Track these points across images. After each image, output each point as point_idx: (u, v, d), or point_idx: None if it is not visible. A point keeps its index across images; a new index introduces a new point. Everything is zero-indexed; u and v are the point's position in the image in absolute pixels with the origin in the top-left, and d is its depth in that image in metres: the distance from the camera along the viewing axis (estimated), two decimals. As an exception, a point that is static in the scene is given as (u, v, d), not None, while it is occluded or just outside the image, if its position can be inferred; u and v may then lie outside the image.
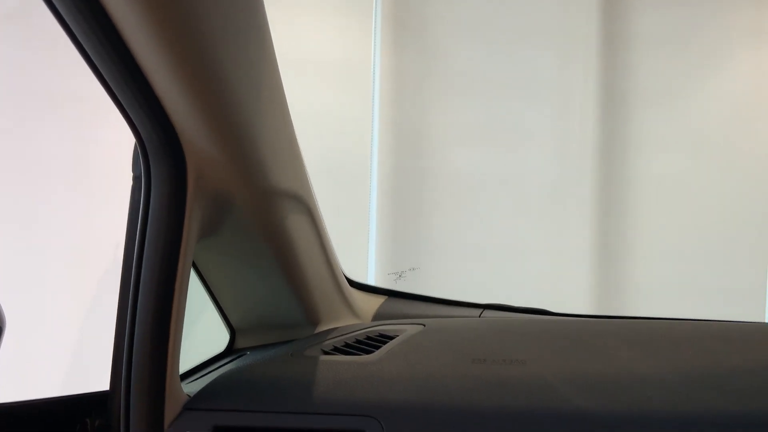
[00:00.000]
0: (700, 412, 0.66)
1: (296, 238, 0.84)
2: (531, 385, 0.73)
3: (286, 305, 0.94)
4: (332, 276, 1.00)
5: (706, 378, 0.72)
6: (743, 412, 0.65)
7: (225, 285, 0.92)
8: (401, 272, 2.11)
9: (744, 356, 0.77)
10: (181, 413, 0.69)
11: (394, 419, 0.68)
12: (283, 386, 0.74)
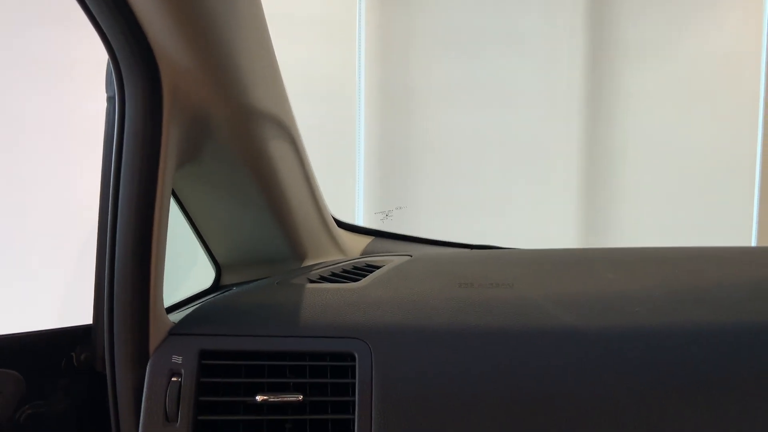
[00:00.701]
0: (683, 324, 0.66)
1: (279, 166, 0.83)
2: (518, 305, 0.73)
3: (271, 240, 0.93)
4: (317, 210, 0.98)
5: (690, 293, 0.72)
6: (725, 322, 0.66)
7: (209, 219, 0.91)
8: (388, 211, 2.11)
9: (728, 273, 0.77)
10: (165, 339, 0.68)
11: (382, 341, 0.68)
12: (269, 311, 0.73)
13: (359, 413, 0.64)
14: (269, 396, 0.65)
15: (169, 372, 0.66)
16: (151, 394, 0.64)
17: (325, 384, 0.67)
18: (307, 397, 0.66)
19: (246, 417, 0.65)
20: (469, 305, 0.73)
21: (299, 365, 0.68)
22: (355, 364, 0.67)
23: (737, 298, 0.70)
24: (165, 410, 0.64)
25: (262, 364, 0.67)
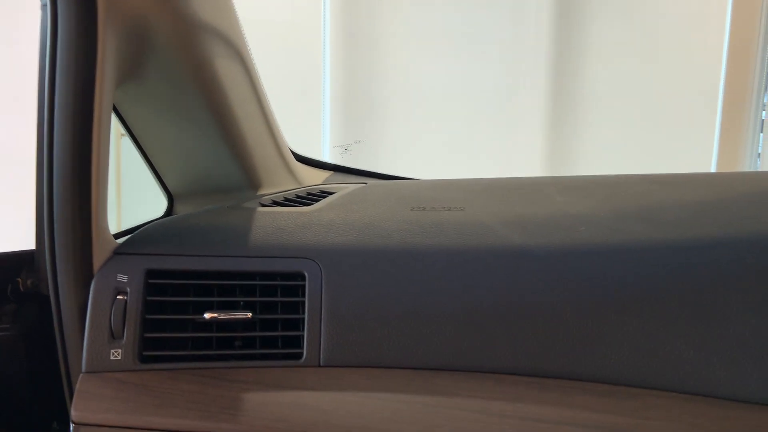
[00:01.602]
0: (626, 241, 0.68)
1: (228, 87, 0.80)
2: (469, 226, 0.73)
3: (224, 167, 0.91)
4: (272, 137, 0.96)
5: (635, 212, 0.74)
6: (667, 239, 0.67)
7: (158, 144, 0.88)
8: (347, 145, 2.09)
9: (673, 194, 0.79)
10: (110, 258, 0.67)
11: (332, 260, 0.68)
12: (218, 233, 0.72)
13: (308, 330, 0.65)
14: (218, 314, 0.65)
15: (114, 290, 0.65)
16: (96, 312, 0.64)
17: (275, 303, 0.67)
18: (256, 315, 0.66)
19: (195, 334, 0.65)
20: (420, 227, 0.74)
21: (249, 285, 0.67)
22: (305, 284, 0.67)
23: (680, 217, 0.71)
24: (110, 328, 0.63)
25: (210, 284, 0.67)
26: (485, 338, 0.64)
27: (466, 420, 0.59)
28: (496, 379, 0.63)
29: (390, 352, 0.64)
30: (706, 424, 0.57)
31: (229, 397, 0.61)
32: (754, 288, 0.61)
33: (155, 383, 0.62)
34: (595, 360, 0.62)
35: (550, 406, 0.60)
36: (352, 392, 0.62)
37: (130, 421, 0.59)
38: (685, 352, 0.61)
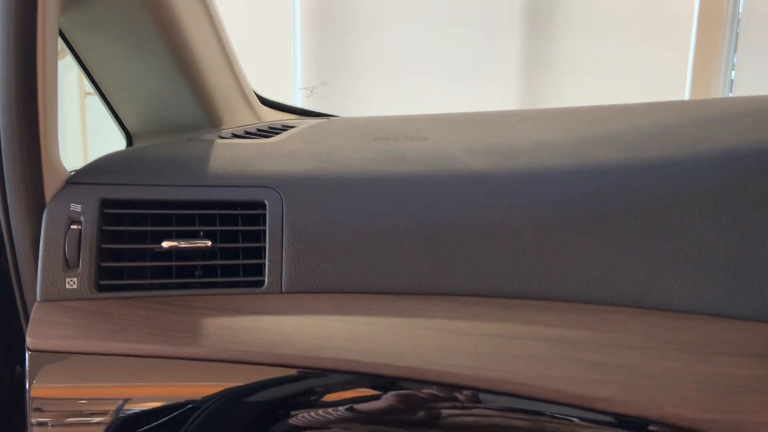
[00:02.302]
0: (588, 163, 0.68)
1: (184, 18, 0.77)
2: (431, 154, 0.73)
3: (183, 104, 0.89)
4: (233, 76, 0.94)
5: (597, 136, 0.74)
6: (628, 159, 0.68)
7: (113, 77, 0.85)
8: (312, 87, 2.06)
9: (636, 119, 0.79)
10: (63, 188, 0.65)
11: (293, 189, 0.67)
12: (176, 163, 0.71)
13: (269, 258, 0.64)
14: (177, 242, 0.64)
15: (67, 219, 0.63)
16: (49, 241, 0.62)
17: (236, 232, 0.66)
18: (216, 244, 0.65)
19: (154, 263, 0.64)
20: (383, 155, 0.73)
21: (208, 214, 0.66)
22: (266, 212, 0.66)
23: (641, 140, 0.72)
24: (65, 257, 0.62)
25: (168, 214, 0.66)
26: (447, 261, 0.64)
27: (426, 338, 0.60)
28: (457, 301, 0.63)
29: (351, 278, 0.64)
30: (660, 334, 0.58)
31: (189, 322, 0.61)
32: (708, 204, 0.62)
33: (113, 311, 0.61)
34: (554, 279, 0.63)
35: (509, 323, 0.61)
36: (314, 316, 0.62)
37: (87, 347, 0.59)
38: (641, 269, 0.62)
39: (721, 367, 0.55)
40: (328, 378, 0.58)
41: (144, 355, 0.58)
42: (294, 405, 0.58)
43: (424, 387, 0.57)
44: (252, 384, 0.59)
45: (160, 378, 0.59)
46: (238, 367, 0.59)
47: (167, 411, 0.59)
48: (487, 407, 0.57)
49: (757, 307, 0.59)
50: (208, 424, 0.58)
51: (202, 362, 0.59)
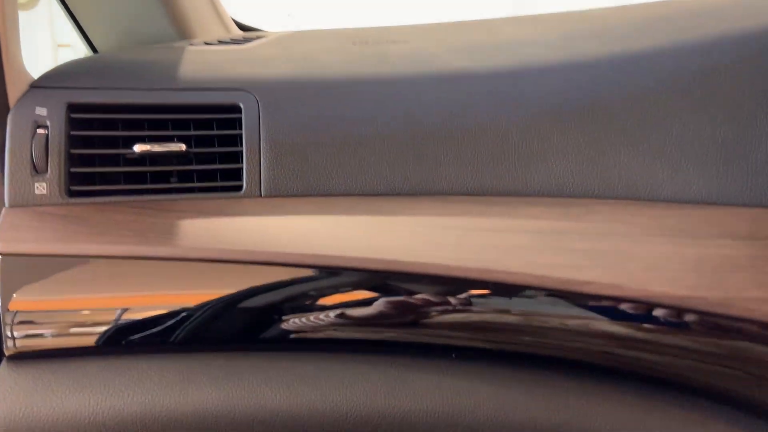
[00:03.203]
0: (572, 57, 0.66)
1: None
2: (413, 55, 0.70)
3: (152, 16, 0.85)
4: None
5: (586, 33, 0.71)
6: (616, 52, 0.65)
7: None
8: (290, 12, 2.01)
9: (629, 15, 0.76)
10: (27, 92, 0.62)
11: (269, 92, 0.65)
12: (147, 67, 0.67)
13: (247, 162, 0.62)
14: (150, 146, 0.62)
15: (32, 124, 0.60)
16: (15, 145, 0.59)
17: (211, 137, 0.64)
18: (191, 149, 0.63)
19: (126, 169, 0.62)
20: (363, 58, 0.70)
21: (182, 119, 0.64)
22: (242, 116, 0.63)
23: (628, 32, 0.69)
24: (32, 162, 0.59)
25: (140, 118, 0.63)
26: (431, 161, 0.62)
27: (410, 234, 0.58)
28: (441, 200, 0.62)
29: (333, 180, 0.62)
30: (647, 222, 0.57)
31: (166, 224, 0.59)
32: (695, 90, 0.60)
33: (86, 214, 0.59)
34: (540, 174, 0.61)
35: (495, 217, 0.60)
36: (295, 216, 0.60)
37: (60, 249, 0.57)
38: (628, 159, 0.60)
39: (708, 249, 0.54)
40: (312, 274, 0.57)
41: (120, 256, 0.57)
42: (276, 303, 0.57)
43: (408, 280, 0.56)
44: (233, 282, 0.57)
45: (138, 281, 0.58)
46: (218, 266, 0.57)
47: (149, 315, 0.58)
48: (472, 298, 0.56)
49: (746, 192, 0.58)
50: (191, 326, 0.57)
51: (180, 262, 0.57)
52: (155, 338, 0.57)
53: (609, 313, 0.54)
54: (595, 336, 0.54)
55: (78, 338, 0.57)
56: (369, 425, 0.55)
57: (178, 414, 0.55)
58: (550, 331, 0.55)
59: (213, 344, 0.58)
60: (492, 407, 0.54)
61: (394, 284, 0.57)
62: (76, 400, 0.55)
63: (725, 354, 0.52)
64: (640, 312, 0.53)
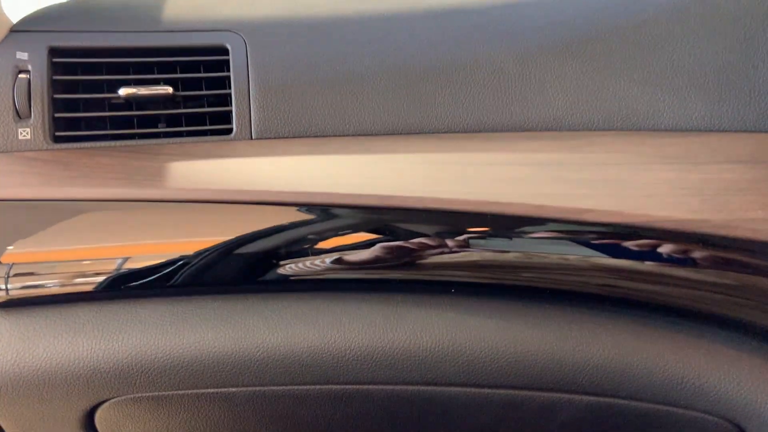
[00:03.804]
0: None
1: None
2: None
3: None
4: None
5: None
6: None
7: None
8: None
9: None
10: (7, 36, 0.60)
11: (257, 32, 0.63)
12: (130, 8, 0.65)
13: (236, 105, 0.60)
14: (136, 89, 0.60)
15: (14, 68, 0.58)
16: None
17: (199, 80, 0.62)
18: (179, 92, 0.61)
19: (112, 113, 0.60)
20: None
21: (168, 62, 0.62)
22: (229, 58, 0.61)
23: None
24: (15, 107, 0.58)
25: (125, 62, 0.61)
26: (426, 99, 0.61)
27: (407, 170, 0.57)
28: (437, 138, 0.60)
29: (325, 120, 0.60)
30: (649, 150, 0.56)
31: (155, 167, 0.57)
32: (694, 14, 0.59)
33: (72, 159, 0.58)
34: (538, 108, 0.60)
35: (493, 152, 0.58)
36: (288, 157, 0.59)
37: (45, 193, 0.55)
38: (628, 89, 0.59)
39: (711, 174, 0.53)
40: (306, 213, 0.56)
41: (107, 199, 0.55)
42: (271, 244, 0.56)
43: (405, 216, 0.55)
44: (226, 224, 0.56)
45: (129, 226, 0.56)
46: (209, 208, 0.56)
47: (141, 260, 0.56)
48: (471, 232, 0.55)
49: (748, 118, 0.56)
50: (185, 269, 0.56)
51: (170, 206, 0.56)
52: (148, 283, 0.56)
53: (610, 242, 0.53)
54: (595, 266, 0.53)
55: (69, 285, 0.56)
56: (367, 362, 0.54)
57: (174, 355, 0.54)
58: (550, 263, 0.53)
59: (208, 287, 0.57)
60: (492, 340, 0.53)
61: (390, 221, 0.55)
62: (70, 345, 0.54)
63: (728, 281, 0.51)
64: (641, 239, 0.51)
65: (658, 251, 0.51)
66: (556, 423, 0.55)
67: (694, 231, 0.50)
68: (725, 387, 0.50)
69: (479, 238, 0.54)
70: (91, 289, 0.56)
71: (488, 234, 0.54)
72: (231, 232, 0.56)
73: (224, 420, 0.58)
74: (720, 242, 0.50)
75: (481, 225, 0.54)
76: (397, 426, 0.59)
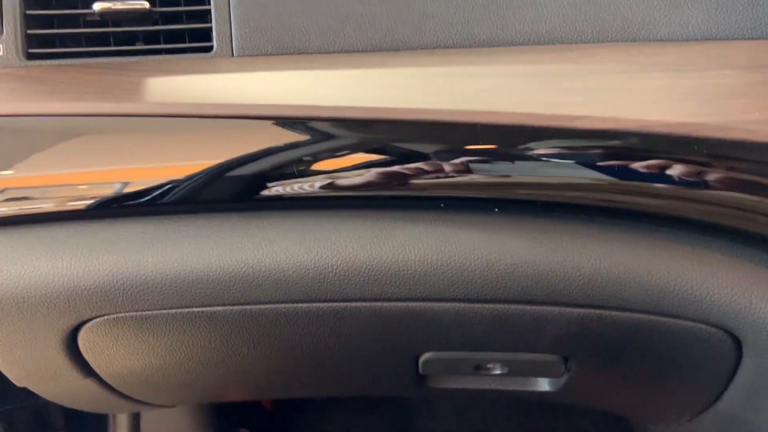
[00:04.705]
0: None
1: None
2: None
3: None
4: None
5: None
6: None
7: None
8: None
9: None
10: None
11: None
12: None
13: (217, 21, 0.58)
14: (111, 3, 0.57)
15: None
16: None
17: None
18: (156, 8, 0.58)
19: (87, 30, 0.58)
20: None
21: None
22: None
23: None
24: None
25: None
26: (413, 11, 0.58)
27: (394, 83, 0.55)
28: (427, 53, 0.58)
29: (309, 36, 0.58)
30: (643, 60, 0.54)
31: (132, 81, 0.55)
32: None
33: (47, 75, 0.56)
34: (530, 22, 0.57)
35: (484, 65, 0.56)
36: (271, 72, 0.57)
37: (19, 108, 0.53)
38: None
39: (708, 80, 0.51)
40: (291, 127, 0.54)
41: (83, 114, 0.53)
42: (253, 160, 0.54)
43: (393, 129, 0.53)
44: (206, 140, 0.54)
45: (108, 143, 0.54)
46: (190, 123, 0.54)
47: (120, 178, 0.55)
48: (461, 146, 0.53)
49: (746, 25, 0.54)
50: (165, 187, 0.54)
51: (149, 121, 0.54)
52: (128, 201, 0.54)
53: (604, 149, 0.51)
54: (587, 177, 0.52)
55: (46, 204, 0.54)
56: (355, 278, 0.53)
57: (156, 273, 0.53)
58: (542, 176, 0.52)
59: (190, 205, 0.55)
60: (482, 253, 0.52)
61: (378, 134, 0.53)
62: (48, 263, 0.53)
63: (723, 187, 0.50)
64: (636, 145, 0.50)
65: (652, 159, 0.50)
66: (546, 337, 0.55)
67: (689, 135, 0.48)
68: (720, 294, 0.50)
69: (470, 151, 0.53)
70: (69, 209, 0.54)
71: (479, 147, 0.53)
72: (213, 149, 0.54)
73: (210, 340, 0.57)
74: (716, 145, 0.48)
75: (472, 137, 0.52)
76: (385, 345, 0.58)
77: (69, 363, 0.59)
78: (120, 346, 0.57)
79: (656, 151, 0.50)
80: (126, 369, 0.61)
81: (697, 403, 0.62)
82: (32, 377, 0.61)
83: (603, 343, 0.55)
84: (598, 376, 0.62)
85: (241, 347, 0.58)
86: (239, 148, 0.54)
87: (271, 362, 0.62)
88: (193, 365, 0.61)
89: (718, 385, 0.57)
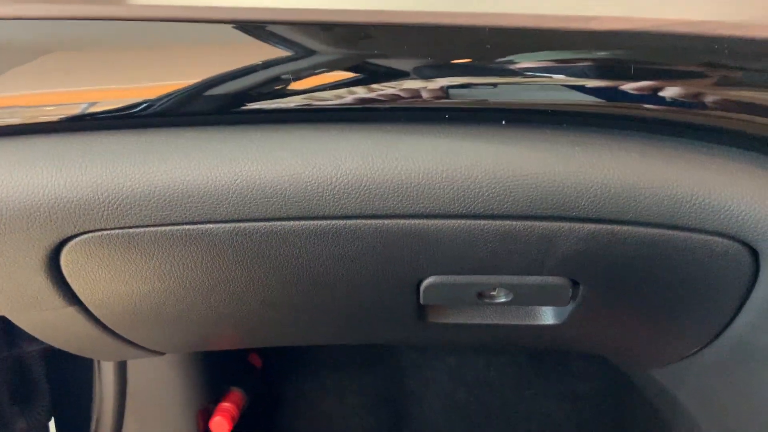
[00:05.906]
0: None
1: None
2: None
3: None
4: None
5: None
6: None
7: None
8: None
9: None
10: None
11: None
12: None
13: None
14: None
15: None
16: None
17: None
18: None
19: None
20: None
21: None
22: None
23: None
24: None
25: None
26: None
27: None
28: None
29: None
30: None
31: None
32: None
33: None
34: None
35: None
36: None
37: None
38: None
39: None
40: (288, 32, 0.50)
41: (66, 17, 0.50)
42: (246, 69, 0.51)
43: (392, 35, 0.50)
44: (198, 47, 0.51)
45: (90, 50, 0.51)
46: (180, 29, 0.51)
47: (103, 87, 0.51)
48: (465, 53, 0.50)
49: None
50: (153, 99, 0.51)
51: (135, 25, 0.50)
52: (112, 114, 0.51)
53: (617, 53, 0.48)
54: (601, 83, 0.49)
55: (23, 115, 0.51)
56: (356, 192, 0.50)
57: (142, 185, 0.49)
58: (552, 81, 0.49)
59: (179, 117, 0.52)
60: (489, 164, 0.49)
61: (376, 42, 0.50)
62: (26, 176, 0.49)
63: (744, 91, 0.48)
64: (650, 45, 0.47)
65: (668, 61, 0.47)
66: (556, 255, 0.52)
67: (707, 33, 0.46)
68: (739, 204, 0.47)
69: (477, 58, 0.50)
70: (46, 121, 0.51)
71: (486, 52, 0.50)
72: (204, 58, 0.51)
73: (201, 262, 0.54)
74: (736, 45, 0.46)
75: (479, 43, 0.49)
76: (386, 268, 0.56)
77: (51, 286, 0.56)
78: (105, 268, 0.54)
79: (671, 54, 0.47)
80: (112, 296, 0.57)
81: (707, 330, 0.60)
82: (12, 303, 0.57)
83: (614, 264, 0.53)
84: (607, 303, 0.60)
85: (233, 271, 0.55)
86: (231, 56, 0.51)
87: (265, 291, 0.59)
88: (183, 292, 0.58)
89: (732, 305, 0.55)
